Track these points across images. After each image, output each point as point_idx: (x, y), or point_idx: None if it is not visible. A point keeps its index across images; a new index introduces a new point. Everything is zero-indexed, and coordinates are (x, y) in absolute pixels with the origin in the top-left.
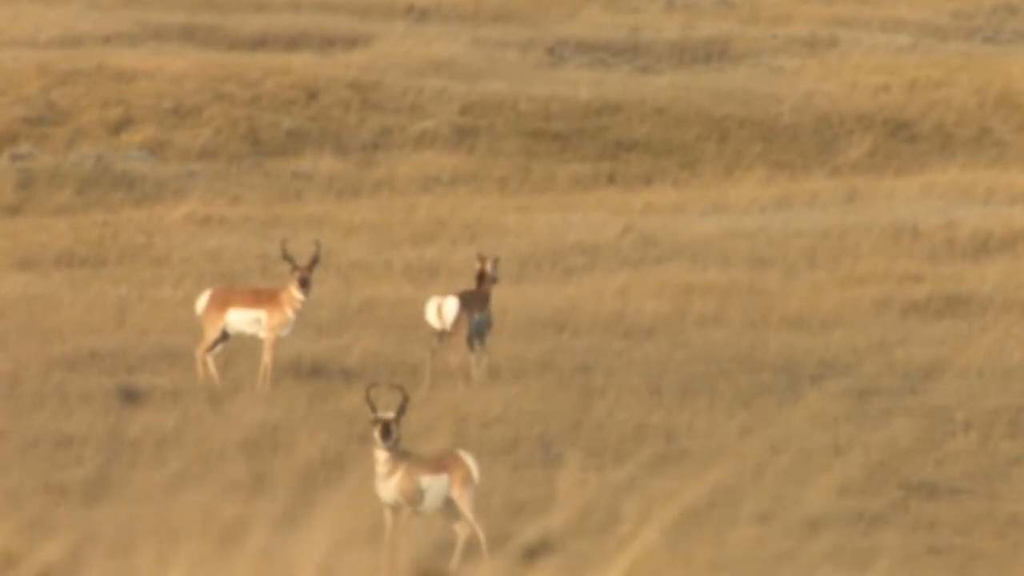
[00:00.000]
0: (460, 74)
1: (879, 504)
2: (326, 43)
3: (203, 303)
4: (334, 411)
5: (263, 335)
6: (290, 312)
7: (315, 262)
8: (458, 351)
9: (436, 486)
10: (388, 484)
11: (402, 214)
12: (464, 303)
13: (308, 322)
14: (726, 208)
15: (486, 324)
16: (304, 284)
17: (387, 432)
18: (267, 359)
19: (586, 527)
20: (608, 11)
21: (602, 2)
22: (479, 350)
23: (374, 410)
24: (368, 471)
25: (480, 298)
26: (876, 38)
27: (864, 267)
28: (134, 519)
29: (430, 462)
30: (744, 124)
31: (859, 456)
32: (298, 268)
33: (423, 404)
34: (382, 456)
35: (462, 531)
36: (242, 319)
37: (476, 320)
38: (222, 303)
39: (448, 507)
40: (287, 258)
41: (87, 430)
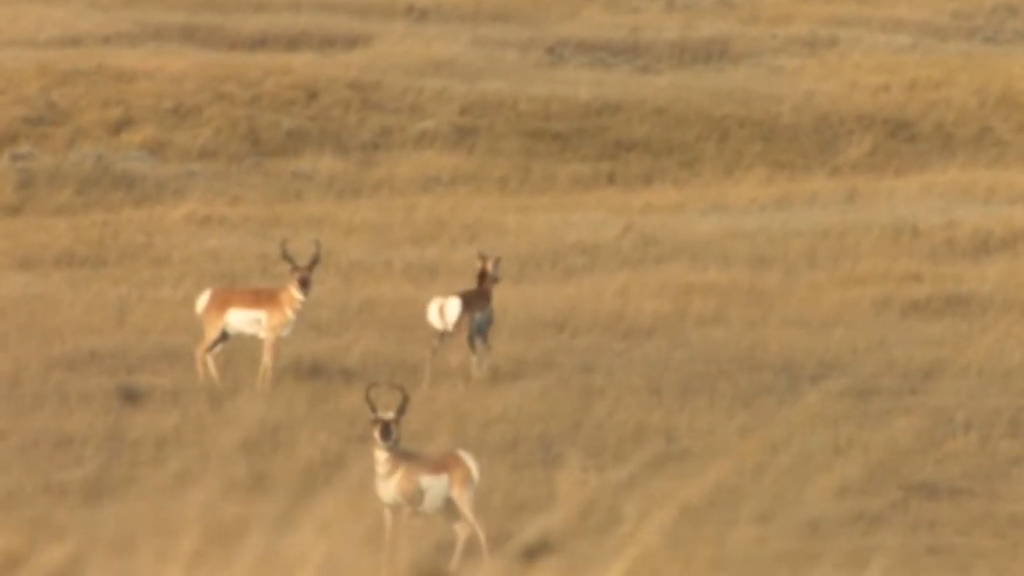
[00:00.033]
0: (460, 74)
1: (879, 504)
2: (326, 43)
3: (203, 303)
4: (334, 411)
5: (263, 335)
6: (290, 312)
7: (315, 262)
8: (459, 351)
9: (436, 486)
10: (388, 484)
11: (402, 214)
12: (466, 304)
13: (308, 322)
14: (726, 208)
15: (487, 323)
16: (304, 284)
17: (387, 432)
18: (267, 359)
19: (586, 527)
20: (608, 11)
21: (602, 2)
22: (481, 349)
23: (374, 410)
24: (368, 471)
25: (481, 298)
26: (876, 38)
27: (864, 267)
28: (134, 519)
29: (430, 462)
30: (744, 124)
31: (859, 456)
32: (298, 268)
33: (423, 404)
34: (382, 456)
35: (462, 531)
36: (242, 319)
37: (477, 319)
38: (222, 303)
39: (448, 507)
40: (287, 258)
41: (87, 430)
